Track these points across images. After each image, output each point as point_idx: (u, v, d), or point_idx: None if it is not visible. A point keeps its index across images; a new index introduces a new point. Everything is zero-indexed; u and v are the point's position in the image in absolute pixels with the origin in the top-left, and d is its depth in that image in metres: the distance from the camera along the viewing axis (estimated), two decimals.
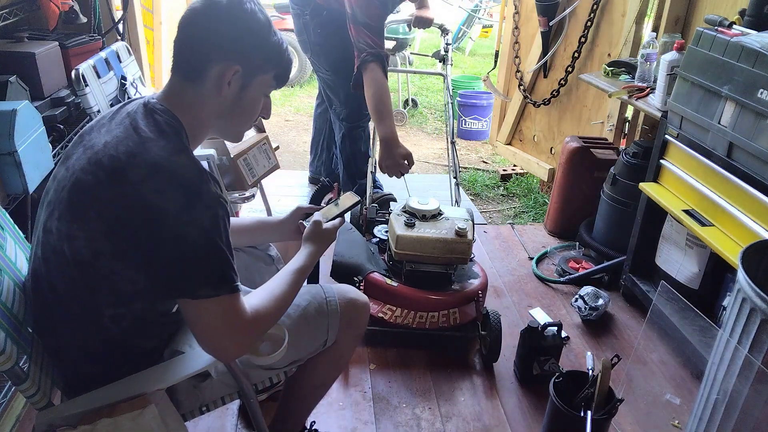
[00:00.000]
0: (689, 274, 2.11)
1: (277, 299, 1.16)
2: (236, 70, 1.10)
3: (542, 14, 3.17)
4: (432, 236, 2.02)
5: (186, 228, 1.00)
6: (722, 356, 1.36)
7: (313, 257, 1.29)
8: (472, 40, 8.14)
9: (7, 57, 2.02)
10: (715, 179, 1.88)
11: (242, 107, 1.16)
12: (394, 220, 2.09)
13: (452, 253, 2.03)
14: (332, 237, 1.36)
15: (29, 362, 1.08)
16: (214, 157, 2.26)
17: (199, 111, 1.13)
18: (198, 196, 1.01)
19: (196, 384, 1.23)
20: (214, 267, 1.04)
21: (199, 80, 1.10)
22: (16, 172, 1.69)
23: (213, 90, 1.11)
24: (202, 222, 1.01)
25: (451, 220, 2.10)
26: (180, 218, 1.00)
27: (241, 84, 1.12)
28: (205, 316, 1.04)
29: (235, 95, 1.13)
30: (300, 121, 5.07)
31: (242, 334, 1.07)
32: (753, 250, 1.37)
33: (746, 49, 1.69)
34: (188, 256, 1.02)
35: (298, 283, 1.22)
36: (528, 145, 3.75)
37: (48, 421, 1.07)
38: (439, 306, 2.06)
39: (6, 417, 1.63)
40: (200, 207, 1.01)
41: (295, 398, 1.50)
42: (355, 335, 1.42)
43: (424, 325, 2.07)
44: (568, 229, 2.97)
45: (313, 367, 1.40)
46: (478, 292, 2.11)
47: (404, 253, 2.04)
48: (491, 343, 2.05)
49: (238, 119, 1.19)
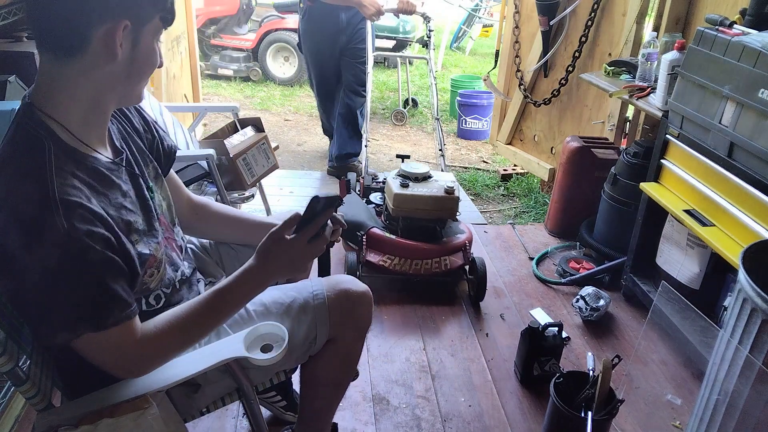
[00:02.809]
0: (690, 274, 2.11)
1: (175, 323, 1.04)
2: (125, 26, 0.94)
3: (543, 14, 3.16)
4: (424, 194, 2.34)
5: (31, 269, 0.89)
6: (723, 356, 1.36)
7: (246, 277, 1.07)
8: (472, 40, 8.14)
9: (6, 57, 2.02)
10: (716, 179, 1.88)
11: (139, 65, 1.00)
12: (391, 182, 2.41)
13: (442, 208, 2.37)
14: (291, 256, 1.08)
15: (29, 363, 1.07)
16: (213, 156, 2.25)
17: (87, 88, 0.97)
18: (39, 233, 0.88)
19: (189, 394, 1.22)
20: (70, 309, 0.92)
21: (80, 52, 0.93)
22: None
23: (102, 57, 0.94)
24: (47, 262, 0.88)
25: (440, 181, 2.43)
26: (23, 259, 0.88)
27: (131, 40, 0.96)
28: (86, 352, 0.97)
29: (128, 55, 0.97)
30: (299, 121, 5.07)
31: (131, 362, 1.01)
32: (754, 250, 1.36)
33: (747, 48, 1.69)
34: (39, 299, 0.91)
35: (214, 305, 1.07)
36: (528, 144, 3.75)
37: (48, 422, 1.07)
38: (431, 254, 2.36)
39: (4, 418, 1.62)
40: (42, 245, 0.88)
41: (311, 400, 1.46)
42: (357, 327, 1.33)
43: (419, 271, 2.38)
44: (568, 229, 2.97)
45: (322, 367, 1.35)
46: (465, 243, 2.43)
47: (400, 209, 2.36)
48: (477, 284, 2.39)
49: (136, 79, 1.03)
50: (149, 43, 1.00)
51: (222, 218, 1.44)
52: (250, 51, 6.16)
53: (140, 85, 1.05)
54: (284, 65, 6.18)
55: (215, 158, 2.28)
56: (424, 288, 2.50)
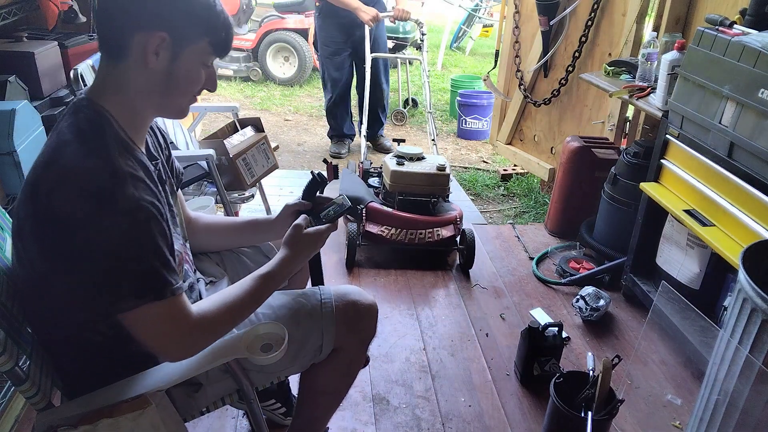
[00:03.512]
0: (690, 274, 2.11)
1: (229, 304, 1.10)
2: (162, 38, 1.00)
3: (543, 14, 3.16)
4: (419, 171, 2.63)
5: (101, 237, 0.94)
6: (723, 357, 1.36)
7: (284, 264, 1.20)
8: (472, 40, 8.13)
9: (6, 56, 2.02)
10: (716, 179, 1.88)
11: (176, 80, 1.05)
12: (388, 161, 2.70)
13: (434, 184, 2.65)
14: (315, 242, 1.25)
15: (29, 363, 1.08)
16: (212, 157, 2.25)
17: (129, 92, 1.04)
18: (111, 202, 0.94)
19: (190, 393, 1.22)
20: (137, 277, 0.98)
21: (124, 56, 1.01)
22: (15, 172, 1.69)
23: (139, 64, 1.02)
24: (117, 230, 0.94)
25: (433, 161, 2.71)
26: (94, 227, 0.93)
27: (171, 54, 1.02)
28: (141, 326, 1.00)
29: (165, 68, 1.03)
30: (299, 121, 5.07)
31: (186, 338, 1.04)
32: (754, 250, 1.36)
33: (747, 48, 1.69)
34: (108, 266, 0.96)
35: (259, 289, 1.15)
36: (528, 144, 3.75)
37: (48, 422, 1.07)
38: (424, 225, 2.62)
39: (5, 418, 1.62)
40: (114, 214, 0.94)
41: (309, 407, 1.46)
42: (361, 339, 1.35)
43: (413, 241, 2.62)
44: (568, 229, 2.97)
45: (324, 375, 1.35)
46: (456, 218, 2.67)
47: (396, 184, 2.64)
48: (467, 253, 2.64)
49: (174, 93, 1.08)
50: (192, 63, 1.05)
51: (212, 229, 1.47)
52: (250, 51, 6.16)
53: (178, 100, 1.10)
54: (284, 65, 6.18)
55: (215, 158, 2.28)
56: (419, 258, 2.76)
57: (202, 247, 1.49)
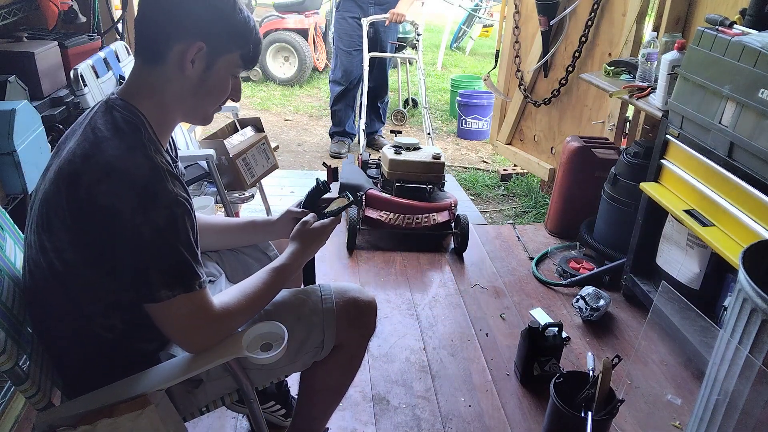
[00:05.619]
0: (690, 274, 2.11)
1: (248, 296, 1.16)
2: (200, 48, 1.06)
3: (542, 14, 3.16)
4: (415, 159, 2.79)
5: (140, 229, 0.98)
6: (723, 357, 1.36)
7: (296, 256, 1.27)
8: (472, 40, 8.13)
9: (6, 57, 2.02)
10: (716, 179, 1.88)
11: (208, 88, 1.12)
12: (386, 151, 2.86)
13: (430, 172, 2.80)
14: (322, 236, 1.32)
15: (29, 362, 1.08)
16: (213, 157, 2.25)
17: (162, 95, 1.10)
18: (152, 196, 1.00)
19: (190, 390, 1.22)
20: (170, 268, 1.03)
21: (161, 61, 1.07)
22: (16, 172, 1.69)
23: (176, 70, 1.07)
24: (156, 223, 0.99)
25: (429, 151, 2.86)
26: (134, 220, 0.98)
27: (206, 63, 1.09)
28: (168, 317, 1.05)
29: (199, 75, 1.09)
30: (299, 121, 5.07)
31: (209, 329, 1.09)
32: (754, 250, 1.36)
33: (747, 48, 1.69)
34: (144, 258, 1.01)
35: (275, 281, 1.21)
36: (528, 144, 3.75)
37: (48, 421, 1.07)
38: (421, 210, 2.77)
39: (5, 417, 1.62)
40: (155, 207, 0.99)
41: (309, 405, 1.47)
42: (362, 335, 1.36)
43: (411, 225, 2.76)
44: (568, 229, 2.97)
45: (325, 371, 1.36)
46: (450, 204, 2.81)
47: (394, 172, 2.79)
48: (461, 237, 2.76)
49: (204, 100, 1.14)
50: (223, 72, 1.11)
51: (211, 229, 1.48)
52: None
53: (207, 107, 1.16)
54: (284, 65, 6.18)
55: (215, 158, 2.28)
56: (415, 241, 2.89)
57: (202, 246, 1.49)
